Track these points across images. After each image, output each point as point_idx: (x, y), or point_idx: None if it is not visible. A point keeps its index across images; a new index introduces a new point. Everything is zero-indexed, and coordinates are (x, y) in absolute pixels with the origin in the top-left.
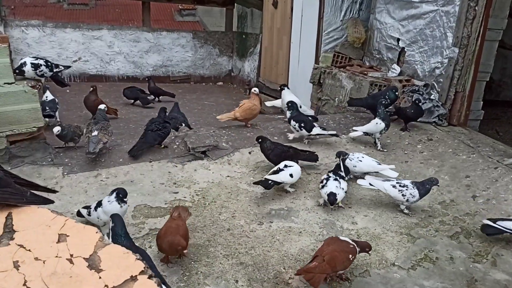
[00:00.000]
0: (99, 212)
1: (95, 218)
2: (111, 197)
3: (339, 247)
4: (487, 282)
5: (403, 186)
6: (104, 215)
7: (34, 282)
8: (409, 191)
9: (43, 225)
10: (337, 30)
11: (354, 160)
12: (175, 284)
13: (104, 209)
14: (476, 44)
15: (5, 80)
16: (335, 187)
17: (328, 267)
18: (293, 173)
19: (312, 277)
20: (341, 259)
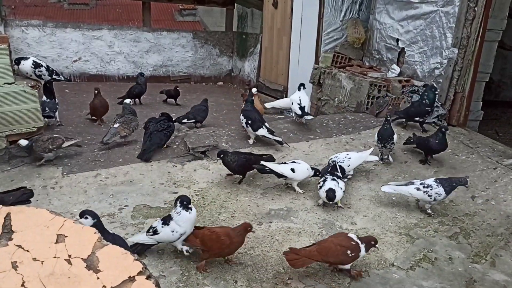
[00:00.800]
0: (172, 226)
1: (169, 232)
2: (177, 208)
3: (338, 240)
4: (486, 283)
5: (427, 186)
6: (179, 227)
7: (32, 283)
8: (434, 190)
9: (41, 226)
10: (337, 30)
11: (346, 162)
12: (174, 284)
13: (177, 221)
14: (476, 45)
15: (5, 80)
16: (333, 185)
17: (318, 255)
18: (295, 169)
19: (295, 259)
20: (335, 251)
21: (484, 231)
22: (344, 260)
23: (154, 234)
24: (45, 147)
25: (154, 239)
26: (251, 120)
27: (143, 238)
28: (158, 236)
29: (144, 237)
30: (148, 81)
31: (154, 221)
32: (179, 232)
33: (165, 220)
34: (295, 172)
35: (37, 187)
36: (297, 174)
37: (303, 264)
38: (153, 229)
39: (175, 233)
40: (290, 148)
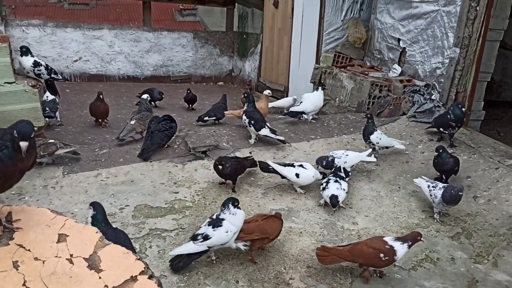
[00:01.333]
0: (226, 226)
1: (224, 234)
2: (230, 209)
3: (372, 243)
4: (488, 283)
5: (434, 186)
6: (234, 226)
7: (33, 282)
8: (435, 191)
9: (42, 225)
10: (338, 30)
11: (342, 158)
12: (176, 284)
13: (232, 221)
14: (477, 44)
15: (5, 80)
16: (336, 188)
17: (349, 255)
18: (300, 174)
19: (325, 256)
20: (367, 253)
21: (486, 231)
22: (376, 263)
23: (205, 239)
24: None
25: (206, 245)
26: (254, 120)
27: (191, 247)
28: (210, 240)
29: (191, 246)
30: (148, 81)
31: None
32: (233, 232)
33: (214, 224)
34: (299, 178)
35: (38, 186)
36: (300, 180)
37: (331, 261)
38: (203, 235)
39: (229, 233)
40: (292, 148)
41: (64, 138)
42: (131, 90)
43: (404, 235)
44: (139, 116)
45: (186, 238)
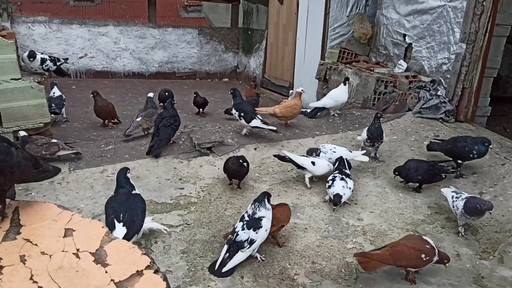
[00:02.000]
0: (265, 224)
1: (264, 233)
2: (266, 205)
3: (411, 243)
4: (493, 279)
5: (457, 196)
6: (269, 222)
7: (40, 276)
8: (456, 202)
9: (49, 220)
10: (343, 26)
11: (329, 153)
12: (181, 279)
13: (268, 217)
14: (484, 40)
15: (11, 76)
16: (342, 187)
17: (390, 258)
18: (316, 162)
19: (367, 262)
20: (408, 255)
21: (492, 227)
22: (418, 264)
23: (251, 244)
24: (38, 151)
25: (252, 249)
26: (244, 112)
27: (241, 257)
28: (255, 244)
29: (242, 256)
30: (153, 77)
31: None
32: (269, 227)
33: (254, 225)
34: (315, 165)
35: (44, 182)
36: (316, 168)
37: (375, 267)
38: (248, 241)
39: (268, 231)
40: (296, 144)
41: (69, 134)
42: (136, 87)
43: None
44: (144, 113)
45: (191, 233)
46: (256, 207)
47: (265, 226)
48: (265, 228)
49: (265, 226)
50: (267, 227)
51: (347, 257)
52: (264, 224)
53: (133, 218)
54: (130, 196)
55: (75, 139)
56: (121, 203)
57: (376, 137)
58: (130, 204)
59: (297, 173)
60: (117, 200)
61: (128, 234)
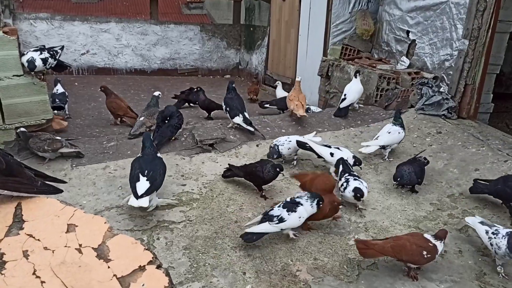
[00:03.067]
0: (300, 211)
1: (296, 218)
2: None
3: (415, 239)
4: (496, 276)
5: (495, 232)
6: (306, 213)
7: (43, 271)
8: (497, 240)
9: (52, 215)
10: (346, 22)
11: (286, 144)
12: (183, 275)
13: (306, 208)
14: (487, 36)
15: (14, 73)
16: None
17: (391, 251)
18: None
19: (366, 249)
20: (410, 250)
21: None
22: (418, 260)
23: (280, 222)
24: (41, 146)
25: (280, 227)
26: (229, 107)
27: (266, 227)
28: (284, 223)
29: (267, 226)
30: (155, 74)
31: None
32: (304, 218)
33: (289, 207)
34: (333, 157)
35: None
36: (334, 159)
37: (373, 255)
38: (278, 218)
39: (301, 219)
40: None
41: (72, 131)
42: (138, 83)
43: (435, 233)
44: (147, 112)
45: (193, 230)
46: (301, 196)
47: (299, 212)
48: (298, 215)
49: (299, 212)
50: (301, 215)
51: (349, 254)
52: (299, 210)
53: (155, 176)
54: (156, 157)
55: (77, 136)
56: (146, 162)
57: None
58: (155, 164)
59: (299, 170)
60: (144, 159)
61: (150, 188)
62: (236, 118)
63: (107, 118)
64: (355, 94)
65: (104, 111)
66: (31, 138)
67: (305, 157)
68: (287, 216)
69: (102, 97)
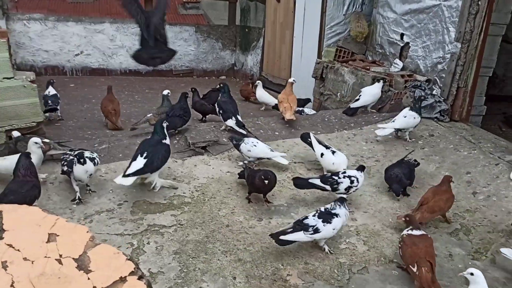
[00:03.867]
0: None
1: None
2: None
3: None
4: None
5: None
6: (340, 224)
7: (21, 283)
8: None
9: (33, 224)
10: (340, 24)
11: (249, 145)
12: (173, 280)
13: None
14: (479, 39)
15: (4, 75)
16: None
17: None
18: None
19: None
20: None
21: (485, 227)
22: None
23: (315, 233)
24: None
25: (313, 238)
26: (222, 110)
27: (301, 237)
28: (318, 234)
29: (302, 236)
30: (150, 75)
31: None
32: (338, 229)
33: (325, 218)
34: (321, 158)
35: None
36: (322, 160)
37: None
38: (313, 228)
39: (335, 230)
40: (292, 143)
41: (64, 133)
42: (132, 84)
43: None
44: (157, 110)
45: (184, 234)
46: (336, 205)
47: (334, 224)
48: (333, 226)
49: (334, 224)
50: (336, 226)
51: (340, 258)
52: (334, 222)
53: (153, 159)
54: (160, 143)
55: (69, 138)
56: (149, 145)
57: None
58: (157, 148)
59: (293, 173)
60: (148, 142)
61: (144, 167)
62: (229, 121)
63: (100, 120)
64: (369, 97)
65: (97, 112)
66: (19, 142)
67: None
68: (322, 227)
69: (96, 98)
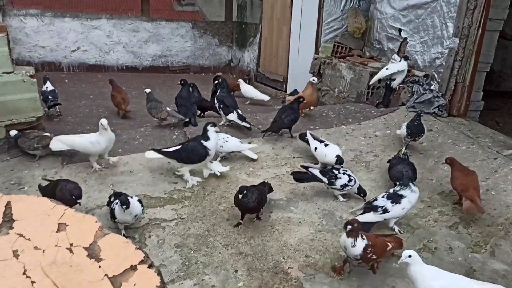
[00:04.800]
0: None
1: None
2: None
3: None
4: (485, 272)
5: None
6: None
7: (33, 271)
8: None
9: (42, 214)
10: (338, 20)
11: (221, 141)
12: (175, 273)
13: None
14: (477, 35)
15: (3, 70)
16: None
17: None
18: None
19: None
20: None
21: (484, 221)
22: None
23: (384, 212)
24: (30, 144)
25: (383, 217)
26: (223, 104)
27: (371, 217)
28: (388, 214)
29: (372, 216)
30: (147, 71)
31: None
32: (407, 209)
33: (393, 199)
34: (315, 152)
35: (37, 177)
36: (315, 154)
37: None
38: (383, 208)
39: (404, 210)
40: (291, 139)
41: (63, 128)
42: (129, 81)
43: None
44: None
45: (185, 228)
46: (402, 187)
47: (403, 204)
48: (402, 206)
49: (403, 204)
50: (405, 206)
51: (340, 251)
52: (403, 202)
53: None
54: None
55: (68, 134)
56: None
57: (416, 132)
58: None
59: (292, 168)
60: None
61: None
62: (231, 115)
63: (98, 116)
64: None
65: (95, 108)
66: (20, 138)
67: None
68: (391, 207)
69: (93, 94)
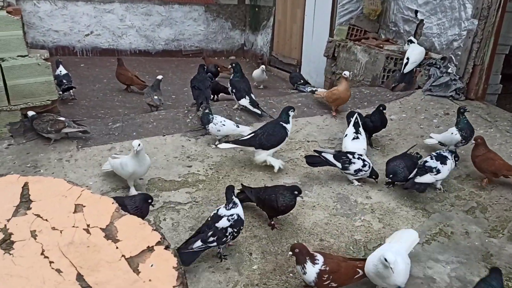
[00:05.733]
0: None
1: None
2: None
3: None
4: (502, 257)
5: None
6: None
7: (51, 252)
8: None
9: (59, 196)
10: (352, 2)
11: (218, 125)
12: None
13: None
14: (497, 16)
15: (18, 53)
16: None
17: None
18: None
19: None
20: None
21: (502, 205)
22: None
23: (437, 173)
24: (44, 127)
25: (436, 178)
26: (236, 89)
27: (429, 178)
28: (440, 175)
29: (429, 177)
30: (159, 55)
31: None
32: (449, 171)
33: (442, 160)
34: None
35: (53, 160)
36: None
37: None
38: (436, 169)
39: (448, 171)
40: (305, 122)
41: (77, 112)
42: (142, 65)
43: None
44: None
45: (199, 211)
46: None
47: (448, 165)
48: (448, 167)
49: (448, 165)
50: (449, 167)
51: (355, 235)
52: (449, 163)
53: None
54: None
55: (82, 117)
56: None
57: (470, 133)
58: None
59: (306, 152)
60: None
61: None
62: (243, 100)
63: (113, 100)
64: (418, 56)
65: (109, 92)
66: (35, 120)
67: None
68: (441, 167)
69: (107, 78)
